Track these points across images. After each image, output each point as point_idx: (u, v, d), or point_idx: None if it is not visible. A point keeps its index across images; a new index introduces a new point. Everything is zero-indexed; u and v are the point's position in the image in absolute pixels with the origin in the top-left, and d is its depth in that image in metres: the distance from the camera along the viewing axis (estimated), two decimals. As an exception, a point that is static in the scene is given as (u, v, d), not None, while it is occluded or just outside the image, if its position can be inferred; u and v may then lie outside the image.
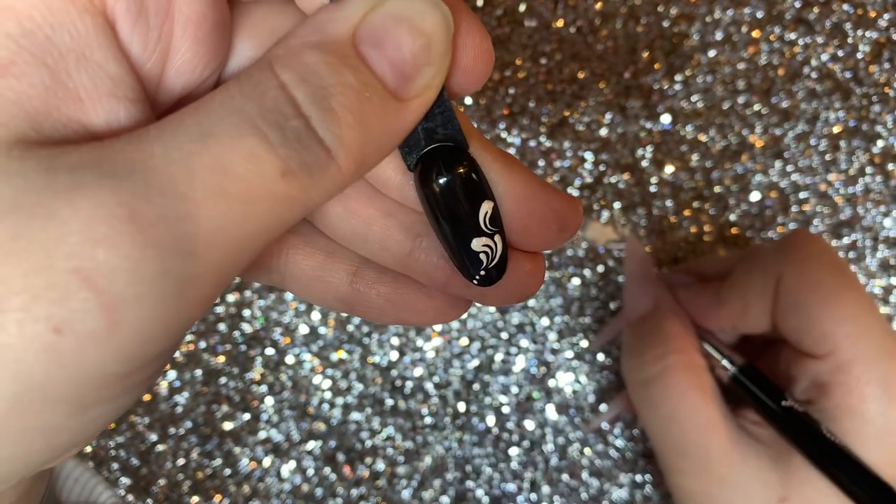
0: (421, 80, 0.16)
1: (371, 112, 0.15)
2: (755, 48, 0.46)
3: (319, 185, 0.15)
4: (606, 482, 0.45)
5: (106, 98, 0.14)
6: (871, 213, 0.46)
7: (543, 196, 0.19)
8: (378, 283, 0.20)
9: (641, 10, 0.45)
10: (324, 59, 0.15)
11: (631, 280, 0.37)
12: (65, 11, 0.14)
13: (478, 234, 0.18)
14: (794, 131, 0.46)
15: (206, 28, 0.16)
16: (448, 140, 0.18)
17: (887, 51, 0.46)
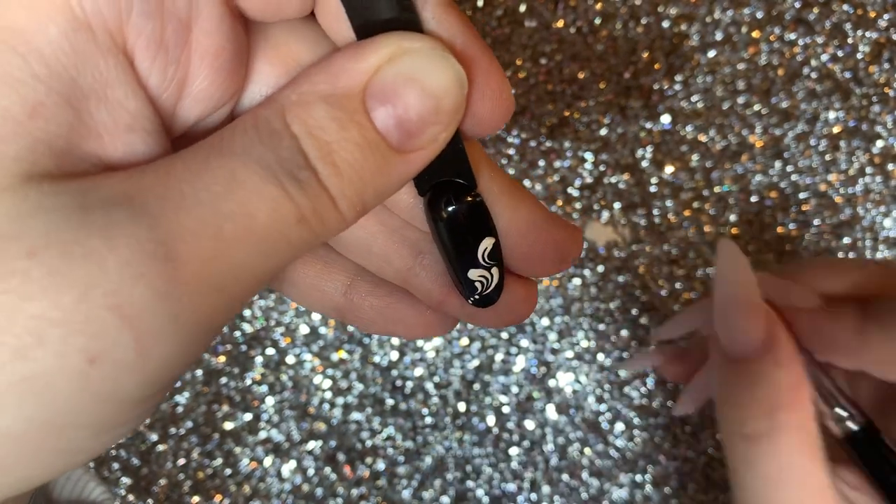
0: (425, 137, 0.16)
1: (372, 167, 0.16)
2: (755, 48, 0.46)
3: (326, 228, 0.16)
4: (606, 482, 0.45)
5: (124, 132, 0.15)
6: (871, 213, 0.46)
7: (546, 228, 0.20)
8: (371, 295, 0.21)
9: (641, 10, 0.45)
10: (331, 115, 0.15)
11: (729, 304, 0.28)
12: (89, 53, 0.14)
13: (475, 266, 0.19)
14: (794, 131, 0.46)
15: (223, 59, 0.16)
16: (458, 176, 0.19)
17: (887, 51, 0.46)
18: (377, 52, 0.15)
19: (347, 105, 0.15)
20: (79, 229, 0.13)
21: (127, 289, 0.13)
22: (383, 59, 0.15)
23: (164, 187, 0.14)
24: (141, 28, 0.14)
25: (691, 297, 0.47)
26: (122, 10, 0.14)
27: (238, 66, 0.17)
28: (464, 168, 0.19)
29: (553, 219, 0.20)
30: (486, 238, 0.19)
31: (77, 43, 0.14)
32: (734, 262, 0.27)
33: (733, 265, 0.27)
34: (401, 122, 0.16)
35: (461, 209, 0.19)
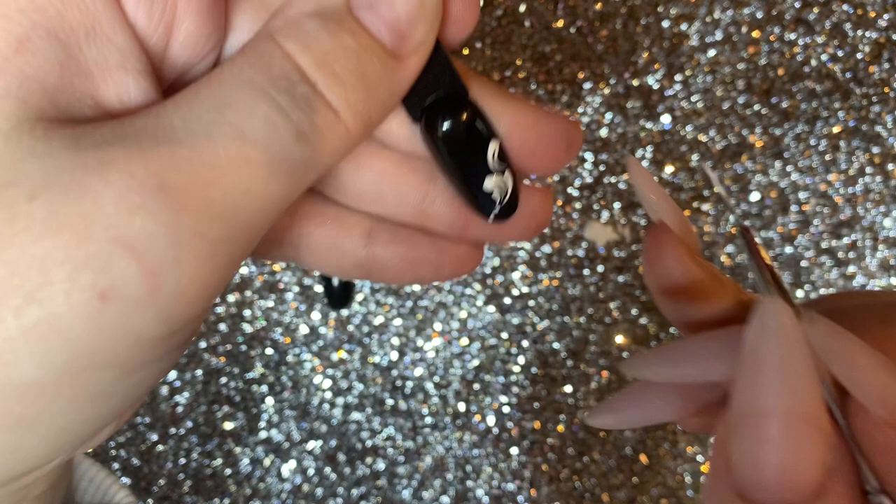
0: (416, 36, 0.16)
1: (372, 72, 0.16)
2: (755, 48, 0.46)
3: (330, 145, 0.15)
4: (606, 483, 0.45)
5: (116, 71, 0.15)
6: (871, 212, 0.46)
7: (546, 121, 0.19)
8: (392, 242, 0.20)
9: (641, 10, 0.45)
10: (323, 26, 0.16)
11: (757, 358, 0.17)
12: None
13: (488, 173, 0.19)
14: (794, 131, 0.46)
15: (207, 2, 0.16)
16: (448, 88, 0.18)
17: (887, 51, 0.46)
18: None
19: (337, 16, 0.16)
20: (74, 170, 0.13)
21: (125, 220, 0.13)
22: None
23: (154, 125, 0.14)
24: None
25: (691, 296, 0.47)
26: None
27: (221, 10, 0.17)
28: (452, 77, 0.18)
29: (550, 112, 0.20)
30: (492, 141, 0.18)
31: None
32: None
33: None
34: (390, 23, 0.16)
35: (458, 120, 0.18)
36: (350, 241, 0.21)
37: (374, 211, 0.21)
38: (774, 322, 0.14)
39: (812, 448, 0.14)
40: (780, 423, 0.14)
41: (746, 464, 0.14)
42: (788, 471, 0.14)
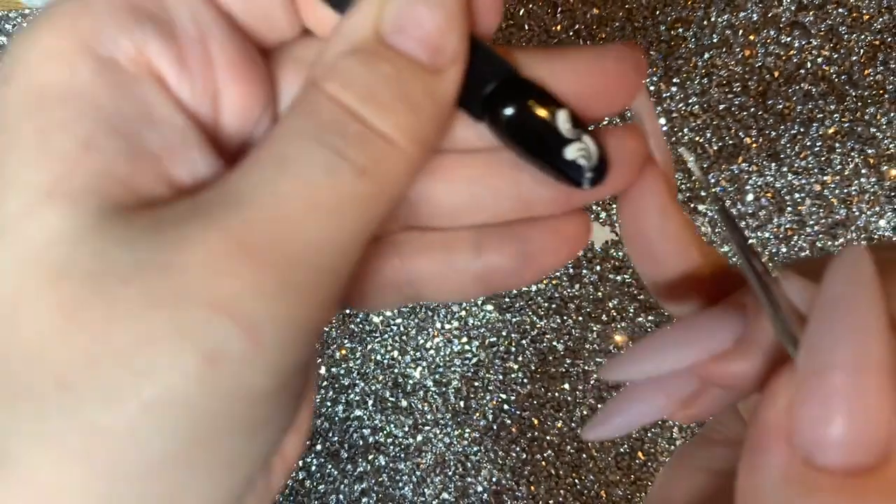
0: (449, 47, 0.16)
1: (416, 93, 0.16)
2: (751, 51, 0.46)
3: (394, 172, 0.16)
4: (605, 479, 0.45)
5: (179, 149, 0.16)
6: (866, 213, 0.46)
7: (602, 56, 0.19)
8: (503, 243, 0.20)
9: (639, 13, 0.46)
10: (360, 61, 0.16)
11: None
12: (123, 83, 0.16)
13: (567, 143, 0.18)
14: (790, 133, 0.47)
15: (244, 69, 0.17)
16: (497, 76, 0.18)
17: (881, 53, 0.46)
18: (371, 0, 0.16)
19: (370, 48, 0.16)
20: (159, 251, 0.14)
21: (214, 287, 0.14)
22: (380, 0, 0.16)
23: (224, 193, 0.15)
24: (159, 51, 0.16)
25: (688, 296, 0.47)
26: (137, 38, 0.16)
27: (260, 75, 0.18)
28: (498, 64, 0.18)
29: (599, 47, 0.19)
30: (559, 111, 0.18)
31: (109, 77, 0.15)
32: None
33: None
34: (422, 41, 0.16)
35: (517, 103, 0.18)
36: (462, 260, 0.21)
37: (476, 220, 0.21)
38: (861, 269, 0.13)
39: (888, 404, 0.13)
40: (858, 375, 0.13)
41: (818, 423, 0.13)
42: (865, 428, 0.13)
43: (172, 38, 0.16)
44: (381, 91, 0.16)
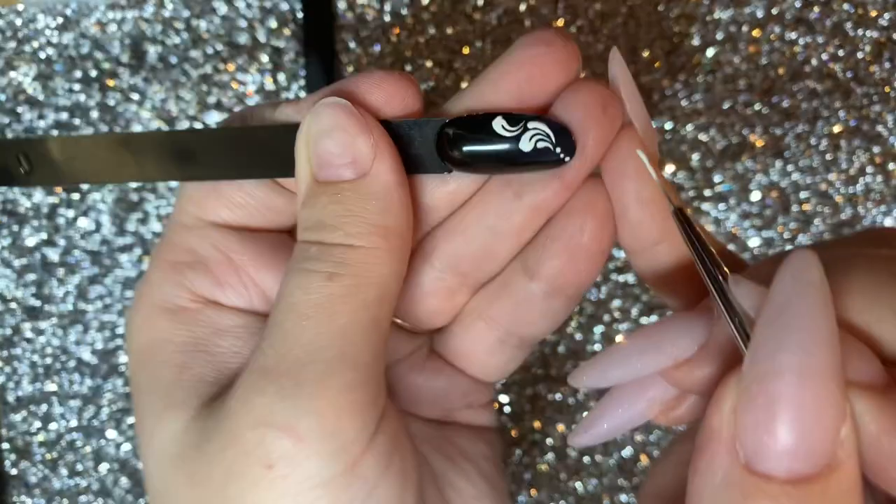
0: (361, 152, 0.19)
1: (353, 202, 0.19)
2: (756, 48, 0.46)
3: (365, 266, 0.18)
4: (607, 483, 0.45)
5: (238, 343, 0.21)
6: (872, 212, 0.46)
7: (520, 48, 0.20)
8: (546, 248, 0.21)
9: (642, 9, 0.45)
10: (307, 206, 0.19)
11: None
12: (190, 318, 0.21)
13: (517, 140, 0.19)
14: (795, 131, 0.46)
15: (269, 256, 0.22)
16: (433, 132, 0.20)
17: (888, 50, 0.46)
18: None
19: (311, 192, 0.19)
20: (227, 428, 0.18)
21: (251, 411, 0.18)
22: (304, 145, 0.20)
23: (251, 364, 0.19)
24: (203, 284, 0.21)
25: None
26: (186, 285, 0.21)
27: (285, 251, 0.22)
28: (430, 125, 0.20)
29: (513, 45, 0.20)
30: (493, 122, 0.19)
31: (180, 319, 0.21)
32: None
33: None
34: (340, 164, 0.19)
35: (458, 140, 0.19)
36: (522, 285, 0.22)
37: (510, 248, 0.22)
38: (807, 274, 0.13)
39: (836, 414, 0.13)
40: (814, 381, 0.12)
41: (758, 428, 0.13)
42: (806, 436, 0.12)
43: (207, 270, 0.21)
44: (326, 217, 0.19)
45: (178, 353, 0.20)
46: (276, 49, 0.46)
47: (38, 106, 0.46)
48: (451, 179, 0.20)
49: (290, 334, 0.18)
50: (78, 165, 0.21)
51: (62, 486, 0.46)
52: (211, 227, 0.21)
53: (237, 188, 0.21)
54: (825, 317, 0.13)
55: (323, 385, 0.17)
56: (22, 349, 0.46)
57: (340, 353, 0.18)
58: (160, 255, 0.21)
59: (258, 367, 0.18)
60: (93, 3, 0.45)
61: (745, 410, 0.13)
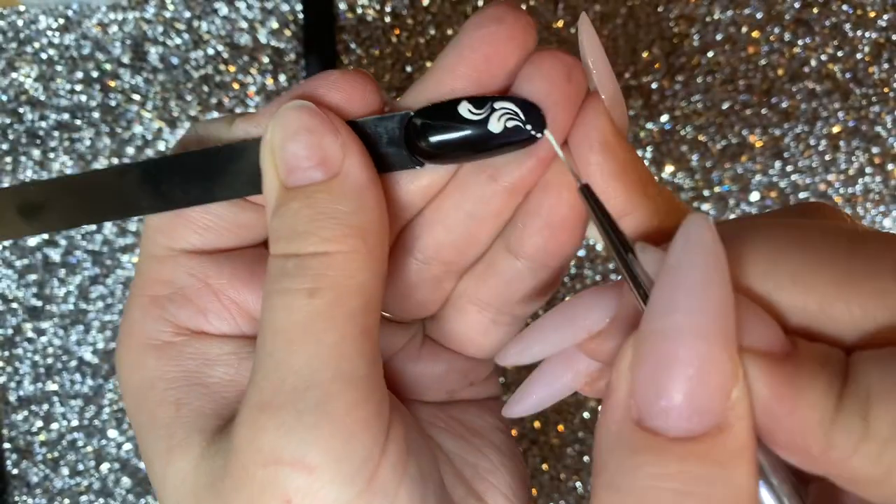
0: (330, 152, 0.18)
1: (325, 204, 0.18)
2: (755, 49, 0.46)
3: (346, 273, 0.18)
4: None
5: (229, 367, 0.21)
6: (871, 212, 0.46)
7: (474, 26, 0.19)
8: (527, 226, 0.21)
9: (641, 10, 0.45)
10: (277, 216, 0.18)
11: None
12: (178, 352, 0.20)
13: (485, 123, 0.19)
14: (794, 131, 0.46)
15: (246, 277, 0.21)
16: (399, 125, 0.19)
17: (886, 51, 0.46)
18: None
19: (276, 201, 0.19)
20: (231, 448, 0.18)
21: (258, 449, 0.17)
22: (268, 133, 0.19)
23: (245, 399, 0.18)
24: (185, 314, 0.21)
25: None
26: (167, 319, 0.20)
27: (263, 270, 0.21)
28: (394, 120, 0.19)
29: (466, 24, 0.20)
30: (458, 106, 0.19)
31: (167, 354, 0.20)
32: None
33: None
34: (310, 166, 0.18)
35: (425, 131, 0.19)
36: (506, 263, 0.22)
37: (491, 230, 0.21)
38: (699, 237, 0.13)
39: (726, 374, 0.13)
40: (701, 341, 0.13)
41: (649, 386, 0.13)
42: (700, 394, 0.13)
43: (187, 300, 0.20)
44: (298, 223, 0.18)
45: (171, 391, 0.20)
46: (277, 50, 0.46)
47: (40, 106, 0.46)
48: (424, 172, 0.20)
49: (281, 363, 0.17)
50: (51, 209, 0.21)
51: (63, 486, 0.46)
52: (183, 255, 0.21)
53: (203, 211, 0.20)
54: (716, 278, 0.13)
55: (325, 411, 0.17)
56: (23, 349, 0.46)
57: (337, 372, 0.17)
58: (137, 291, 0.21)
59: (256, 403, 0.17)
60: (94, 4, 0.46)
61: (638, 368, 0.13)
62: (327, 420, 0.17)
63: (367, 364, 0.18)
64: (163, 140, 0.46)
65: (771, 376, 0.13)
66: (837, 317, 0.13)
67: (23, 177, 0.46)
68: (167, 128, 0.46)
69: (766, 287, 0.14)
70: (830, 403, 0.12)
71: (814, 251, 0.14)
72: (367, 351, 0.18)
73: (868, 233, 0.14)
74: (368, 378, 0.18)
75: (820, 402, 0.13)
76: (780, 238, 0.14)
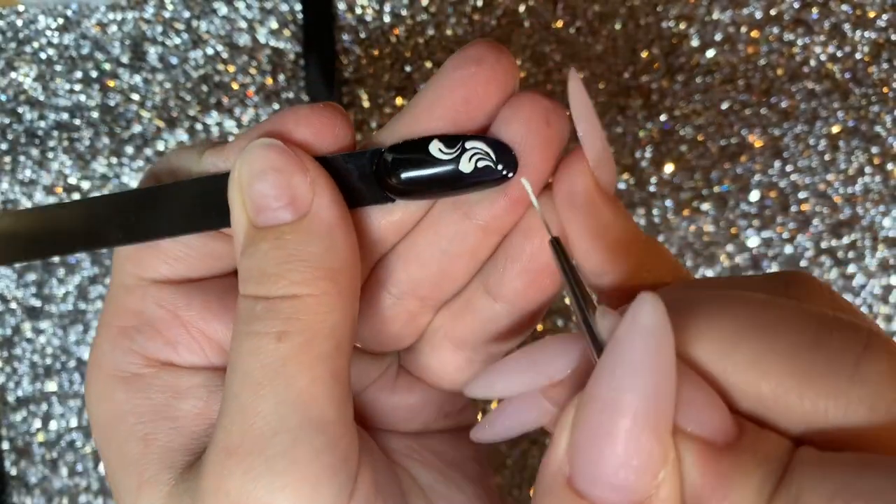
0: (299, 192, 0.18)
1: (296, 246, 0.18)
2: (754, 48, 0.46)
3: (316, 316, 0.17)
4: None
5: (195, 401, 0.20)
6: (871, 212, 0.46)
7: (455, 66, 0.19)
8: (506, 269, 0.21)
9: (641, 10, 0.45)
10: (246, 255, 0.18)
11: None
12: (147, 384, 0.20)
13: (456, 163, 0.19)
14: (794, 131, 0.46)
15: (218, 307, 0.21)
16: (371, 161, 0.19)
17: (886, 51, 0.46)
18: None
19: (249, 239, 0.19)
20: (198, 488, 0.18)
21: (224, 494, 0.17)
22: (236, 172, 0.19)
23: (213, 443, 0.18)
24: (153, 346, 0.20)
25: (691, 296, 0.47)
26: (136, 350, 0.20)
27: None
28: (365, 156, 0.19)
29: (448, 62, 0.19)
30: (429, 145, 0.19)
31: (136, 386, 0.20)
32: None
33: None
34: (277, 207, 0.18)
35: (395, 168, 0.19)
36: (483, 303, 0.21)
37: (467, 268, 0.21)
38: (649, 319, 0.13)
39: (653, 456, 0.13)
40: (630, 421, 0.13)
41: (582, 449, 0.14)
42: (625, 471, 0.13)
43: (156, 331, 0.20)
44: (268, 265, 0.18)
45: (140, 425, 0.19)
46: (276, 50, 0.46)
47: (39, 106, 0.46)
48: (396, 208, 0.20)
49: (248, 407, 0.17)
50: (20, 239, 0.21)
51: (62, 486, 0.46)
52: (153, 285, 0.20)
53: (173, 241, 0.20)
54: (654, 365, 0.13)
55: (292, 457, 0.17)
56: (22, 349, 0.46)
57: (305, 417, 0.17)
58: (106, 321, 0.20)
59: (223, 447, 0.17)
60: (93, 3, 0.46)
61: (576, 429, 0.14)
62: (295, 467, 0.17)
63: (335, 408, 0.18)
64: (162, 140, 0.46)
65: (705, 466, 0.13)
66: (790, 408, 0.13)
67: (22, 176, 0.46)
68: (166, 127, 0.46)
69: (721, 367, 0.14)
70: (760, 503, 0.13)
71: (776, 337, 0.14)
72: (337, 394, 0.18)
73: (835, 322, 0.14)
74: (336, 423, 0.17)
75: (749, 501, 0.13)
76: (745, 318, 0.14)
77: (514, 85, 0.19)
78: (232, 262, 0.21)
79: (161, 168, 0.21)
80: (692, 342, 0.14)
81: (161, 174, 0.21)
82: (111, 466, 0.20)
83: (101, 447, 0.20)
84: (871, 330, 0.13)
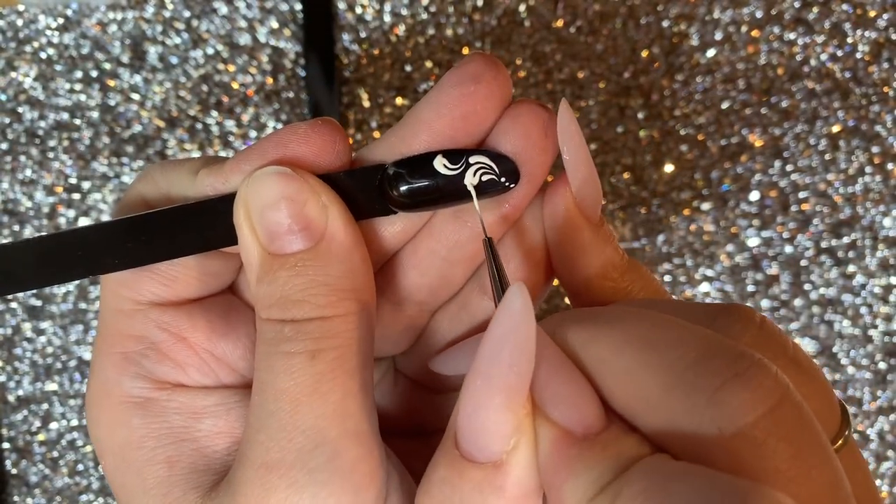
0: (312, 216, 0.18)
1: (314, 270, 0.18)
2: (754, 48, 0.46)
3: (344, 334, 0.18)
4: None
5: (214, 420, 0.21)
6: (871, 212, 0.46)
7: (454, 81, 0.19)
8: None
9: (641, 10, 0.45)
10: (266, 283, 0.18)
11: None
12: (161, 407, 0.20)
13: (461, 178, 0.19)
14: (794, 131, 0.46)
15: (222, 328, 0.21)
16: (373, 177, 0.19)
17: (886, 51, 0.46)
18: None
19: (265, 266, 0.19)
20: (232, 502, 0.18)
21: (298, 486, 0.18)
22: (241, 208, 0.19)
23: (246, 432, 0.19)
24: (161, 370, 0.20)
25: (692, 295, 0.47)
26: (143, 374, 0.20)
27: (240, 318, 0.22)
28: (369, 172, 0.19)
29: (446, 76, 0.20)
30: (434, 161, 0.19)
31: (149, 411, 0.20)
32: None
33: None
34: (291, 233, 0.18)
35: (398, 181, 0.19)
36: (480, 304, 0.22)
37: (466, 272, 0.21)
38: (512, 303, 0.15)
39: (502, 423, 0.15)
40: (482, 385, 0.15)
41: (460, 408, 0.16)
42: (477, 431, 0.15)
43: (162, 355, 0.20)
44: (290, 292, 0.18)
45: (161, 448, 0.19)
46: (277, 49, 0.46)
47: (39, 106, 0.46)
48: (398, 218, 0.20)
49: (287, 423, 0.17)
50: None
51: (62, 486, 0.46)
52: (153, 309, 0.20)
53: (169, 262, 0.20)
54: (513, 342, 0.15)
55: (334, 467, 0.17)
56: (22, 349, 0.46)
57: (343, 429, 0.17)
58: (106, 349, 0.20)
59: (262, 462, 0.17)
60: (93, 3, 0.46)
61: (461, 392, 0.16)
62: (337, 476, 0.17)
63: (367, 418, 0.18)
64: (161, 139, 0.46)
65: (555, 450, 0.15)
66: (652, 416, 0.15)
67: (22, 176, 0.46)
68: (166, 127, 0.46)
69: (603, 370, 0.15)
70: (589, 493, 0.14)
71: (656, 354, 0.15)
72: (367, 405, 0.18)
73: (719, 349, 0.15)
74: (370, 433, 0.18)
75: (581, 489, 0.14)
76: (634, 333, 0.15)
77: (510, 97, 0.20)
78: (228, 279, 0.21)
79: (145, 187, 0.20)
80: (586, 345, 0.16)
81: (146, 193, 0.20)
82: (128, 492, 0.20)
83: (112, 474, 0.20)
84: (757, 362, 0.14)
